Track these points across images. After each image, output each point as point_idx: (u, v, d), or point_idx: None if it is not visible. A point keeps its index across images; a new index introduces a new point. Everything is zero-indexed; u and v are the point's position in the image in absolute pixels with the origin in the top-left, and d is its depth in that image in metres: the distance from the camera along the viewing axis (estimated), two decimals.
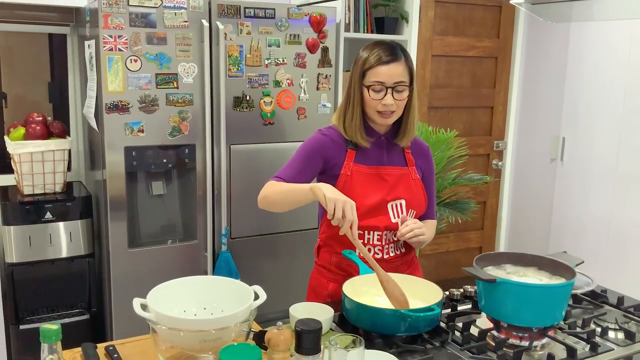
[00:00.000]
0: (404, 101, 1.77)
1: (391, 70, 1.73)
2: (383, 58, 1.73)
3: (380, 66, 1.73)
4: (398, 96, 1.75)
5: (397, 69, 1.73)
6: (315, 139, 1.84)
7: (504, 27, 3.93)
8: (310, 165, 1.81)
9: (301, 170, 1.80)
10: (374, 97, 1.74)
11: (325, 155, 1.81)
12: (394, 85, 1.73)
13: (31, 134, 2.80)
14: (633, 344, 1.52)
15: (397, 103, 1.75)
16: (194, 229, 2.82)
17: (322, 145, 1.82)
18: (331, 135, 1.84)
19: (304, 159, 1.82)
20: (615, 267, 3.42)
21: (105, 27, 2.48)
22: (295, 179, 1.77)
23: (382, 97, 1.73)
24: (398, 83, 1.73)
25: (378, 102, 1.74)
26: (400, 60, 1.75)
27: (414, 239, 1.79)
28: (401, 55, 1.76)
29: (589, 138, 3.58)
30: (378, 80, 1.73)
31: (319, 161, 1.81)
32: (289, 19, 2.84)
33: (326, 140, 1.83)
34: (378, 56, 1.74)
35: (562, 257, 1.66)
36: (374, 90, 1.74)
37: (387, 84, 1.73)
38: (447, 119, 3.86)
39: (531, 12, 2.22)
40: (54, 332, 1.09)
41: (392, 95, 1.73)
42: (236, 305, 1.31)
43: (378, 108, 1.75)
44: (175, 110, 2.67)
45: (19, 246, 2.68)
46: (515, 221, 4.19)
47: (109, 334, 2.76)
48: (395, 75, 1.73)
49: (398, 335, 1.47)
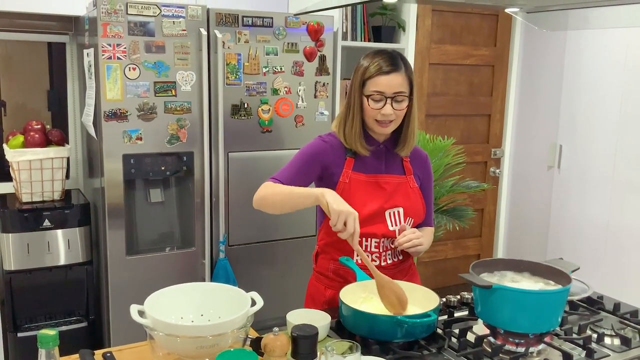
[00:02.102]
0: (403, 111, 1.78)
1: (391, 80, 1.73)
2: (383, 68, 1.74)
3: (380, 76, 1.74)
4: (397, 106, 1.75)
5: (396, 79, 1.74)
6: (314, 145, 1.85)
7: (500, 35, 3.95)
8: (308, 170, 1.82)
9: (299, 173, 1.80)
10: (373, 107, 1.75)
11: (324, 161, 1.82)
12: (393, 96, 1.74)
13: (30, 142, 2.81)
14: (629, 350, 1.53)
15: (396, 113, 1.76)
16: (192, 236, 2.83)
17: (321, 152, 1.83)
18: (331, 142, 1.85)
19: (302, 163, 1.82)
20: (613, 273, 3.42)
21: (104, 36, 2.49)
22: (292, 182, 1.78)
23: (382, 106, 1.74)
24: (397, 93, 1.74)
25: (377, 111, 1.75)
26: (400, 70, 1.75)
27: (412, 249, 1.80)
28: (401, 66, 1.76)
29: (586, 145, 3.59)
30: (378, 90, 1.74)
31: (317, 167, 1.82)
32: (287, 27, 2.86)
33: (325, 147, 1.84)
34: (378, 66, 1.74)
35: (558, 263, 1.67)
36: (374, 100, 1.75)
37: (386, 94, 1.73)
38: (445, 126, 3.88)
39: (527, 21, 2.23)
40: (51, 338, 1.10)
41: (391, 105, 1.74)
42: (233, 312, 1.32)
43: (377, 117, 1.76)
44: (174, 118, 2.68)
45: (17, 254, 2.69)
46: (513, 228, 4.20)
47: (107, 341, 2.76)
48: (395, 86, 1.74)
49: (395, 341, 1.47)
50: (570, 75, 3.69)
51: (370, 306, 1.63)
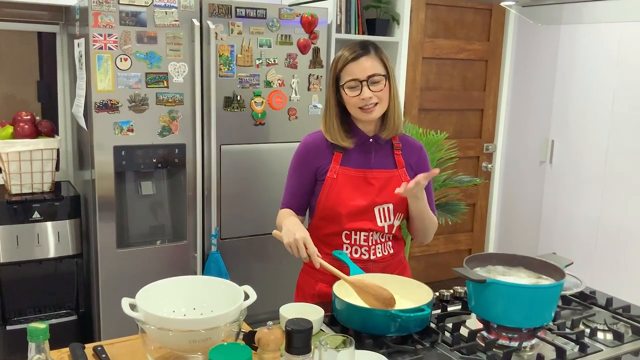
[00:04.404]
0: (384, 92, 1.76)
1: (361, 64, 1.73)
2: (351, 55, 1.74)
3: (350, 64, 1.74)
4: (375, 87, 1.74)
5: (367, 62, 1.74)
6: (299, 152, 1.88)
7: (494, 30, 3.95)
8: (302, 180, 1.86)
9: (296, 188, 1.87)
10: (351, 95, 1.75)
11: (312, 161, 1.83)
12: (367, 78, 1.73)
13: (19, 133, 2.78)
14: (622, 344, 1.53)
15: (376, 95, 1.74)
16: (183, 229, 2.81)
17: (307, 156, 1.85)
18: (317, 140, 1.85)
19: (295, 177, 1.87)
20: (604, 268, 3.44)
21: (95, 26, 2.46)
22: (295, 197, 1.87)
23: (359, 92, 1.74)
24: (371, 76, 1.73)
25: (356, 98, 1.74)
26: (369, 53, 1.75)
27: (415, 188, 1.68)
28: (370, 50, 1.76)
29: (578, 140, 3.60)
30: (351, 77, 1.74)
31: (309, 172, 1.84)
32: (280, 19, 2.84)
33: (311, 147, 1.85)
34: (346, 54, 1.75)
35: (552, 258, 1.67)
36: (349, 87, 1.75)
37: (360, 79, 1.73)
38: (438, 121, 3.87)
39: (522, 14, 2.23)
40: (41, 332, 1.08)
41: (368, 87, 1.73)
42: (226, 306, 1.31)
43: (358, 104, 1.75)
44: (165, 110, 2.65)
45: (6, 246, 2.66)
46: (505, 223, 4.21)
47: (97, 334, 2.74)
48: (367, 69, 1.73)
49: (388, 335, 1.46)
50: (563, 70, 3.70)
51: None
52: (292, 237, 1.62)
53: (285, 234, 1.65)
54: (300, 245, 1.61)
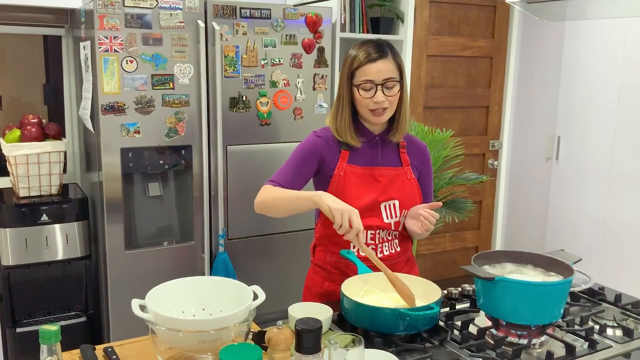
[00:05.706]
0: (395, 97, 1.77)
1: (379, 67, 1.73)
2: (371, 56, 1.74)
3: (368, 64, 1.74)
4: (388, 92, 1.75)
5: (385, 66, 1.74)
6: (309, 141, 1.85)
7: (498, 26, 3.93)
8: (305, 168, 1.82)
9: (296, 173, 1.81)
10: (365, 96, 1.75)
11: (320, 156, 1.82)
12: (383, 82, 1.73)
13: (27, 136, 2.79)
14: (631, 341, 1.53)
15: (388, 99, 1.75)
16: (190, 230, 2.82)
17: (316, 147, 1.83)
18: (325, 136, 1.84)
19: (299, 162, 1.82)
20: (611, 265, 3.43)
21: (100, 28, 2.47)
22: (291, 183, 1.78)
23: (373, 95, 1.74)
24: (387, 80, 1.74)
25: (369, 100, 1.75)
26: (387, 56, 1.75)
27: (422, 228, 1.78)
28: (388, 52, 1.76)
29: (584, 137, 3.59)
30: (367, 78, 1.74)
31: (314, 163, 1.82)
32: (285, 19, 2.84)
33: (320, 142, 1.83)
34: (365, 54, 1.75)
35: (560, 255, 1.66)
36: (364, 89, 1.75)
37: (376, 82, 1.73)
38: (443, 119, 3.87)
39: (526, 10, 2.22)
40: (53, 333, 1.09)
41: (382, 92, 1.73)
42: (235, 306, 1.31)
43: (370, 106, 1.76)
44: (172, 111, 2.66)
45: (15, 249, 2.67)
46: (511, 220, 4.20)
47: (106, 336, 2.75)
48: (384, 72, 1.73)
49: (397, 334, 1.47)
50: (568, 66, 3.68)
51: (372, 299, 1.63)
52: (347, 207, 1.57)
53: (335, 202, 1.60)
54: (357, 216, 1.57)
